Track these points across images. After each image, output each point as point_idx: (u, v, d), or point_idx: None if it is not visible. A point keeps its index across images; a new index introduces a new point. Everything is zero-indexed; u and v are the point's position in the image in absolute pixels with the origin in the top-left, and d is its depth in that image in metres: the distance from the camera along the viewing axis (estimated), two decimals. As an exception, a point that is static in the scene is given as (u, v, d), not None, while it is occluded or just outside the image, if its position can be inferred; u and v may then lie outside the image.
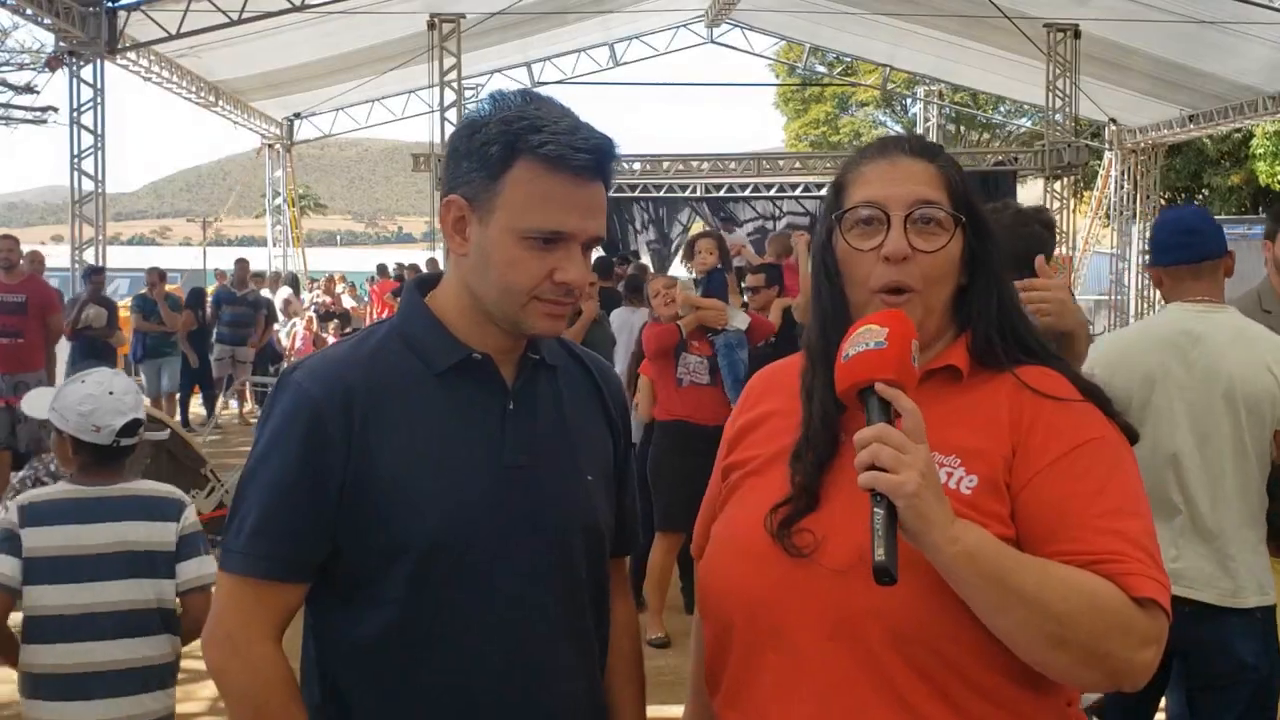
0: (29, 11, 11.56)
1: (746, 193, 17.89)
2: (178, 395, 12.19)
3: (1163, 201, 21.83)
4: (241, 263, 13.31)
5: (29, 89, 14.67)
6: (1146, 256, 2.95)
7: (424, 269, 16.45)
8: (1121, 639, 1.21)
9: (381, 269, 20.21)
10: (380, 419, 1.44)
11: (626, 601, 1.73)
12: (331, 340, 17.16)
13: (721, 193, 17.88)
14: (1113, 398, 2.41)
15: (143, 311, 11.84)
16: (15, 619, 2.74)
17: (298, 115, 21.02)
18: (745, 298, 7.31)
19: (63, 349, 9.63)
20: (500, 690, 1.46)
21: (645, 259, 16.17)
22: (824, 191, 18.73)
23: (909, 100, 29.01)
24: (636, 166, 17.54)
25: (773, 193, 17.91)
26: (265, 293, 15.78)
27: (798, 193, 17.99)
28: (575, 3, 16.68)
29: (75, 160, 13.16)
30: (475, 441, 1.48)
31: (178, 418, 11.45)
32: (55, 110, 14.43)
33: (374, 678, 1.46)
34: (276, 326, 14.94)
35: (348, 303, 19.16)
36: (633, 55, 21.83)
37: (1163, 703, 3.04)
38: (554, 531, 1.51)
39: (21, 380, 7.99)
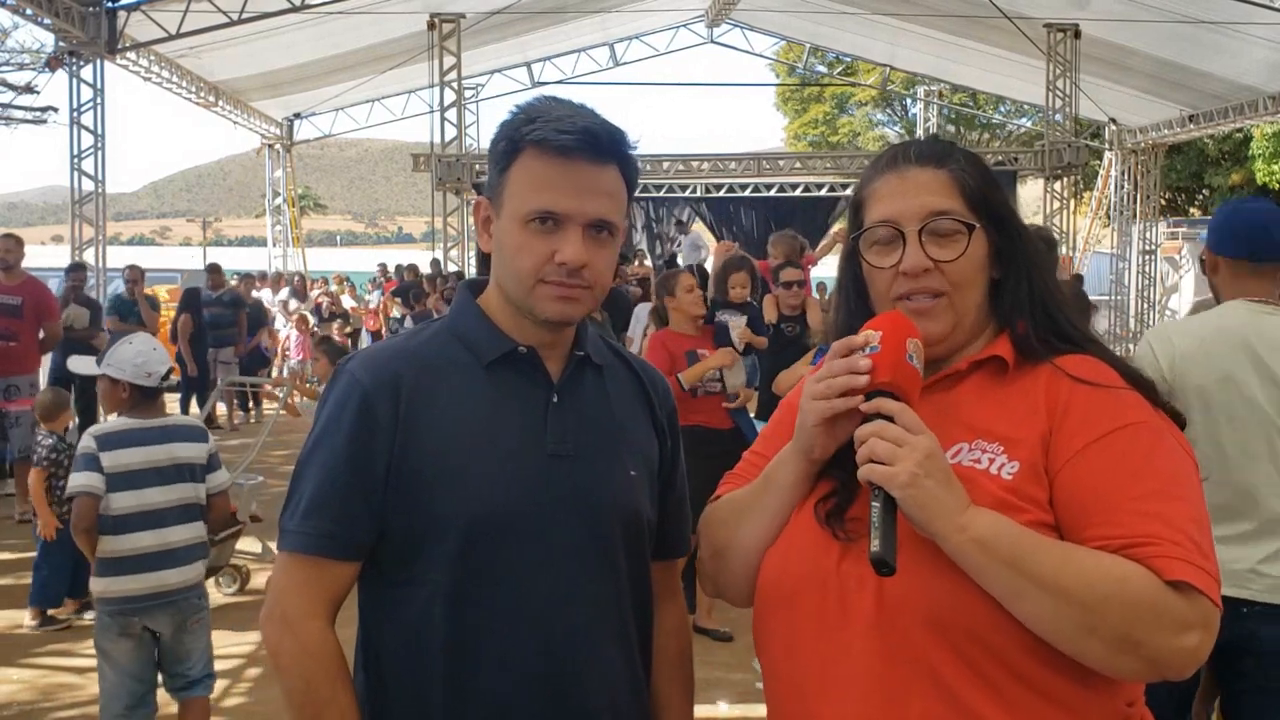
0: (29, 11, 11.53)
1: (746, 193, 17.89)
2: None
3: (1163, 201, 21.85)
4: (214, 267, 13.43)
5: (29, 89, 14.62)
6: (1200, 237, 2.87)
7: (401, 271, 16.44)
8: (1153, 625, 1.18)
9: (400, 269, 20.12)
10: (427, 403, 1.50)
11: (676, 605, 1.74)
12: (336, 340, 17.17)
13: (721, 193, 17.89)
14: (1178, 390, 2.24)
15: (119, 313, 11.16)
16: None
17: (298, 115, 21.03)
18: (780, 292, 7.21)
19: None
20: (537, 673, 1.49)
21: (648, 260, 16.19)
22: (824, 191, 18.73)
23: (909, 100, 29.03)
24: (636, 166, 17.53)
25: (773, 193, 17.91)
26: (267, 293, 15.77)
27: (798, 193, 17.99)
28: (575, 2, 16.67)
29: (75, 160, 13.14)
30: (519, 429, 1.52)
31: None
32: (55, 110, 14.40)
33: (414, 659, 1.50)
34: (277, 329, 14.92)
35: (347, 303, 19.13)
36: (633, 55, 21.89)
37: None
38: (592, 518, 1.53)
39: (13, 384, 7.83)
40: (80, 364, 4.35)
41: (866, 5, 16.89)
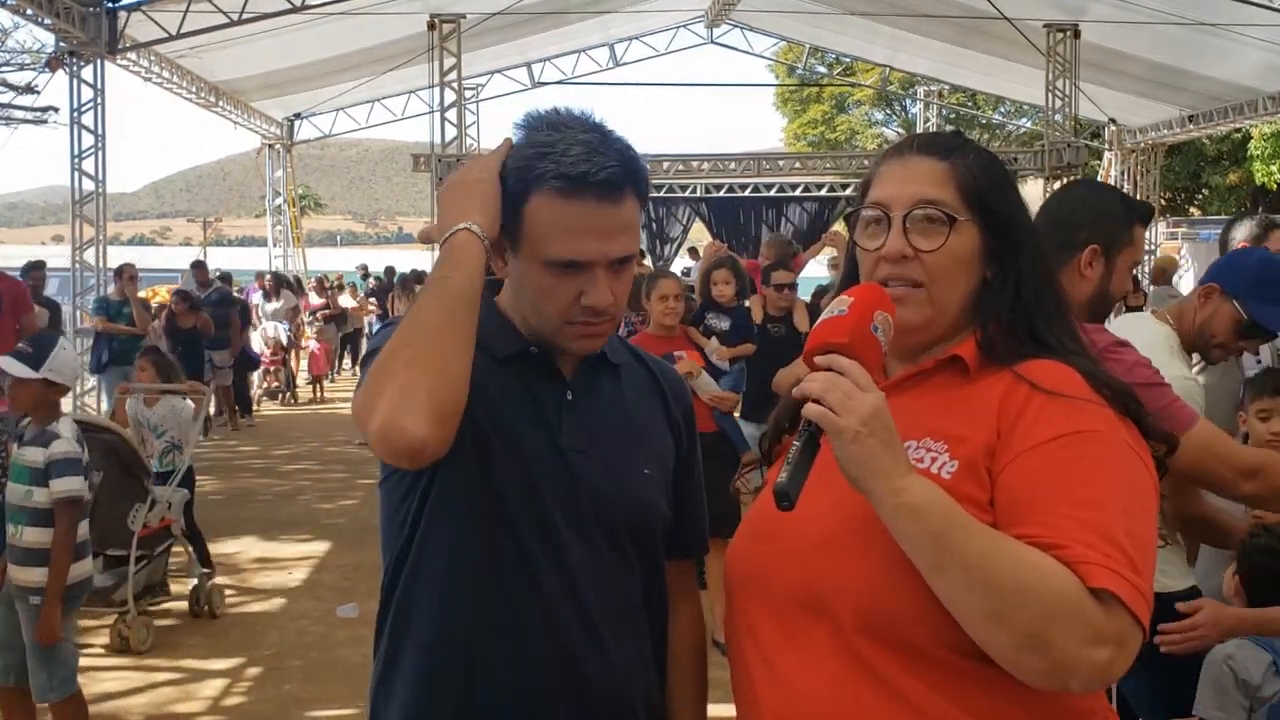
0: (29, 12, 11.52)
1: (746, 193, 17.90)
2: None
3: (1162, 201, 21.86)
4: (198, 264, 13.26)
5: (29, 89, 14.62)
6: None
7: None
8: (1069, 627, 1.13)
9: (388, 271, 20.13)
10: None
11: (691, 603, 1.74)
12: (165, 352, 16.92)
13: (721, 193, 17.89)
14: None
15: (106, 314, 10.71)
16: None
17: (298, 115, 21.02)
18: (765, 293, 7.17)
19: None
20: (549, 669, 1.49)
21: (648, 260, 16.21)
22: (824, 191, 18.72)
23: (908, 101, 29.04)
24: (636, 167, 17.57)
25: (773, 193, 17.93)
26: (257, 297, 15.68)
27: (798, 193, 18.00)
28: (575, 3, 16.67)
29: (75, 160, 13.13)
30: (533, 425, 1.52)
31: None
32: (56, 110, 14.39)
33: (430, 647, 1.50)
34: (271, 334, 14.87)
35: (347, 302, 19.12)
36: (633, 55, 21.84)
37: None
38: (606, 516, 1.53)
39: None
40: (11, 365, 4.01)
41: (866, 6, 16.89)
